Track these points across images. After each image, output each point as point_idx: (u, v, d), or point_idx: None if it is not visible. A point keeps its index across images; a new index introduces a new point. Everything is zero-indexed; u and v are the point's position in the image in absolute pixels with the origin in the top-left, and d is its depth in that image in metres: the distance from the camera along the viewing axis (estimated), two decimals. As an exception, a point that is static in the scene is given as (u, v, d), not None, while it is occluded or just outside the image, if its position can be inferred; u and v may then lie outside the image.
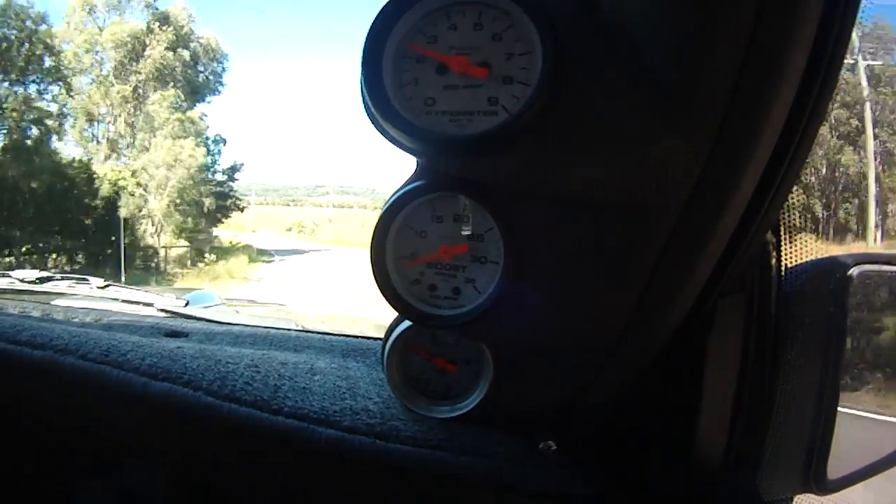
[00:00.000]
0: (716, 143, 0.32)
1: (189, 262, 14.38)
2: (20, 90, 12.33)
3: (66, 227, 12.71)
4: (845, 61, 0.34)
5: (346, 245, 21.31)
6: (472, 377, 0.46)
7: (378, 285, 0.41)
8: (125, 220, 12.72)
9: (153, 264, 13.84)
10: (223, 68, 15.21)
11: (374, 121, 0.37)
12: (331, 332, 0.85)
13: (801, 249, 0.42)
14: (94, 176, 12.89)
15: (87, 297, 1.11)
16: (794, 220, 0.42)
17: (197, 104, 14.58)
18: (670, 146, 0.32)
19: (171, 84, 13.73)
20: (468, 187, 0.39)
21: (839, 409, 0.43)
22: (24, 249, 12.00)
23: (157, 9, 13.76)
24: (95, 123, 13.93)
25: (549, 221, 0.38)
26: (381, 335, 0.52)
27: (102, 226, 12.98)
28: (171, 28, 13.65)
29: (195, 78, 14.53)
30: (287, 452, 0.42)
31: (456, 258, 0.41)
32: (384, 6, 0.35)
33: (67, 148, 13.65)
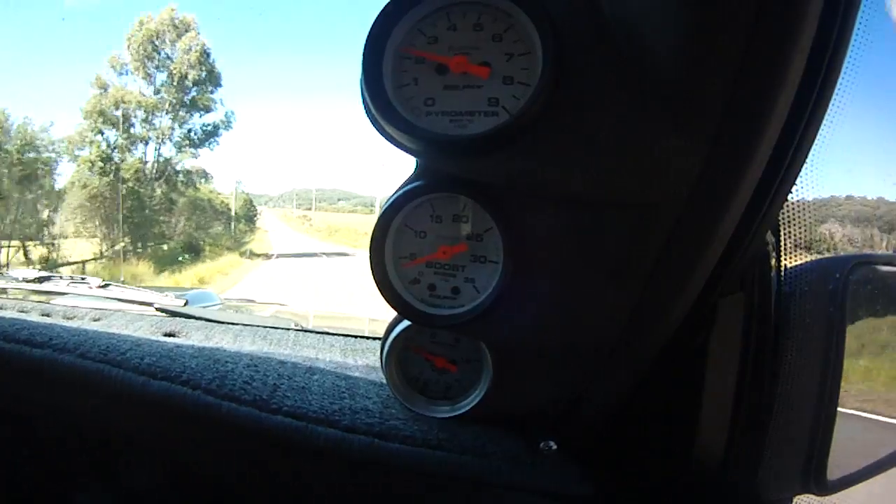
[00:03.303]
0: (716, 143, 0.32)
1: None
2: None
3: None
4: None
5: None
6: (472, 377, 0.46)
7: (377, 285, 0.41)
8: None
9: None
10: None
11: (373, 121, 0.37)
12: (330, 331, 0.85)
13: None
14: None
15: (86, 296, 1.11)
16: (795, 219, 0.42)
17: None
18: (670, 146, 0.32)
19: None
20: (468, 187, 0.39)
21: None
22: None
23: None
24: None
25: (549, 221, 0.38)
26: (380, 334, 0.52)
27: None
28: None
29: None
30: (286, 452, 0.42)
31: (455, 258, 0.41)
32: (384, 7, 0.35)
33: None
